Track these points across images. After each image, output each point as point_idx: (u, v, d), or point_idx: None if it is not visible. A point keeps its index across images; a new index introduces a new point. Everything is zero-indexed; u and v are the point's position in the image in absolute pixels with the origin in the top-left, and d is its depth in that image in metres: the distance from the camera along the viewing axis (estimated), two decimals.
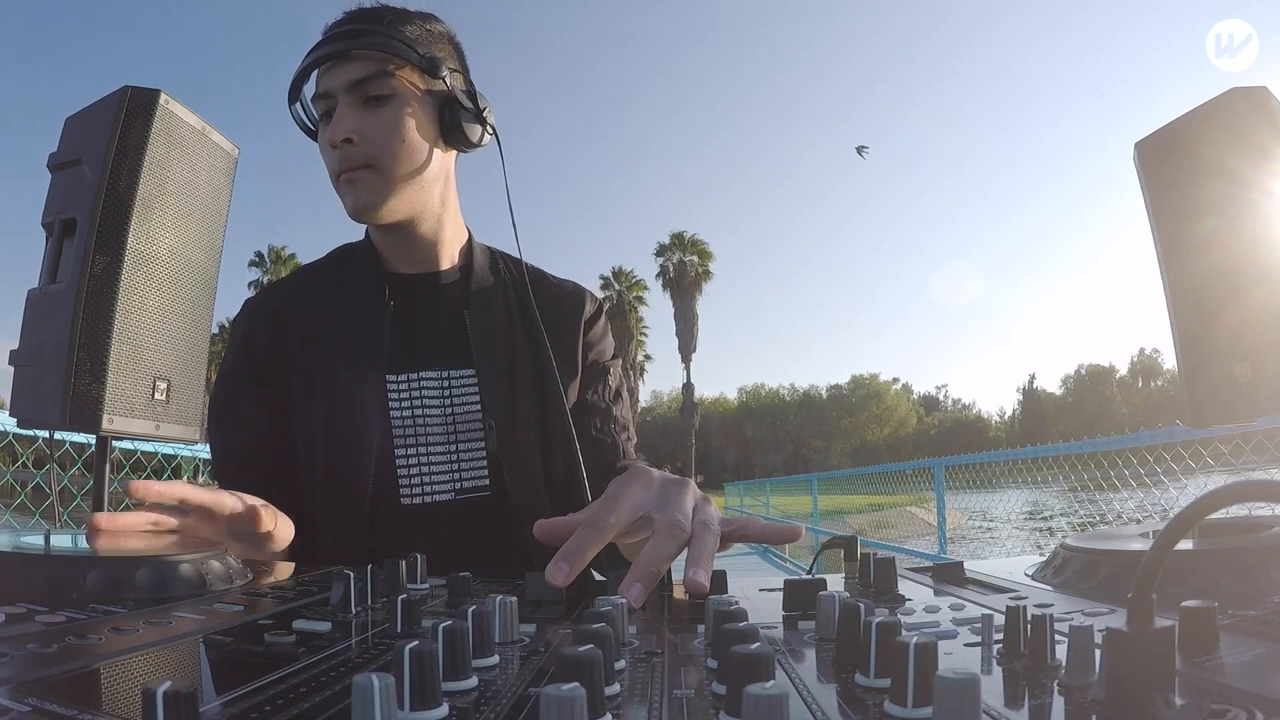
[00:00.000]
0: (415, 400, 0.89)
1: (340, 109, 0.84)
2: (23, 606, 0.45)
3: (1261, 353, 0.66)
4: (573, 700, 0.24)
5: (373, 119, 0.84)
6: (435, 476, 0.90)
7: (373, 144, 0.84)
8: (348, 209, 0.87)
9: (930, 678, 0.26)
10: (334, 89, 0.84)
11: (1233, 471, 3.07)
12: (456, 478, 0.90)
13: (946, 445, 42.09)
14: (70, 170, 0.78)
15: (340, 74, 0.84)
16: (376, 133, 0.84)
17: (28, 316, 0.78)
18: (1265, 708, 0.27)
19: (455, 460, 0.90)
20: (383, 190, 0.85)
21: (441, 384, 0.90)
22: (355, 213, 0.87)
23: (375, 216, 0.87)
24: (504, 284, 0.96)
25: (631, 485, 0.58)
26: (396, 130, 0.84)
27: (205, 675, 0.36)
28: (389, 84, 0.84)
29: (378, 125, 0.84)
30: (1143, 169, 0.76)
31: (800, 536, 0.67)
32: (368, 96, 0.84)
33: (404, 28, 0.85)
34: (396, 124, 0.84)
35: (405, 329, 0.91)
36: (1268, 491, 0.32)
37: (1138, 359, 63.72)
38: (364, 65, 0.83)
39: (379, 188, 0.85)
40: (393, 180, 0.85)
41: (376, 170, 0.84)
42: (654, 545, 0.53)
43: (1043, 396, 69.57)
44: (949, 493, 6.26)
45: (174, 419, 0.82)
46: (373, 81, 0.84)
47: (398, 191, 0.86)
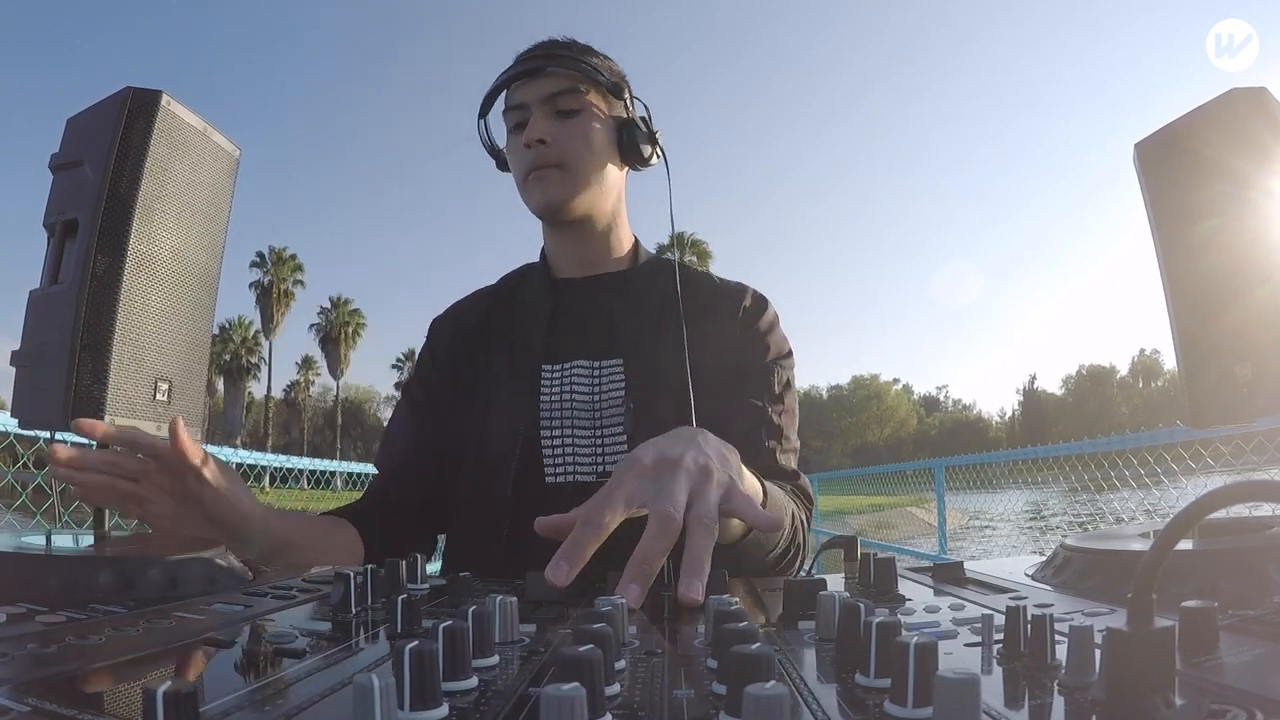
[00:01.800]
0: (565, 387, 0.97)
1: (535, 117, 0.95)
2: (23, 606, 0.45)
3: (1261, 353, 0.66)
4: (573, 700, 0.24)
5: (564, 127, 0.95)
6: (579, 458, 0.94)
7: (562, 147, 0.94)
8: (534, 204, 0.97)
9: (930, 678, 0.26)
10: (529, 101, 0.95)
11: (1233, 471, 3.06)
12: (599, 460, 0.93)
13: (947, 446, 42.05)
14: (72, 171, 0.78)
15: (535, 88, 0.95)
16: (567, 138, 0.95)
17: (29, 317, 0.79)
18: (1265, 708, 0.27)
19: (599, 443, 0.94)
20: (569, 188, 0.95)
21: (592, 372, 0.97)
22: (541, 206, 0.97)
23: (559, 211, 0.97)
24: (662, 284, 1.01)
25: (626, 475, 0.58)
26: (584, 138, 0.95)
27: (205, 675, 0.36)
28: (579, 99, 0.96)
29: (568, 132, 0.95)
30: (1142, 169, 0.76)
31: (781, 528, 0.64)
32: (559, 109, 0.95)
33: (590, 57, 0.98)
34: (585, 132, 0.95)
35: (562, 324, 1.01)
36: (1268, 491, 0.32)
37: (1138, 359, 63.69)
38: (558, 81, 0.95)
39: (566, 185, 0.95)
40: (577, 180, 0.95)
41: (564, 170, 0.95)
42: (645, 543, 0.52)
43: (1043, 397, 69.54)
44: (950, 493, 6.26)
45: None
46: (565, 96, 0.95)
47: (580, 191, 0.96)
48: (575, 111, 0.96)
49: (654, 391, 0.94)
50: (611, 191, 1.00)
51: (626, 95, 1.00)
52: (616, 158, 0.99)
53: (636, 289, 1.02)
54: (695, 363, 0.94)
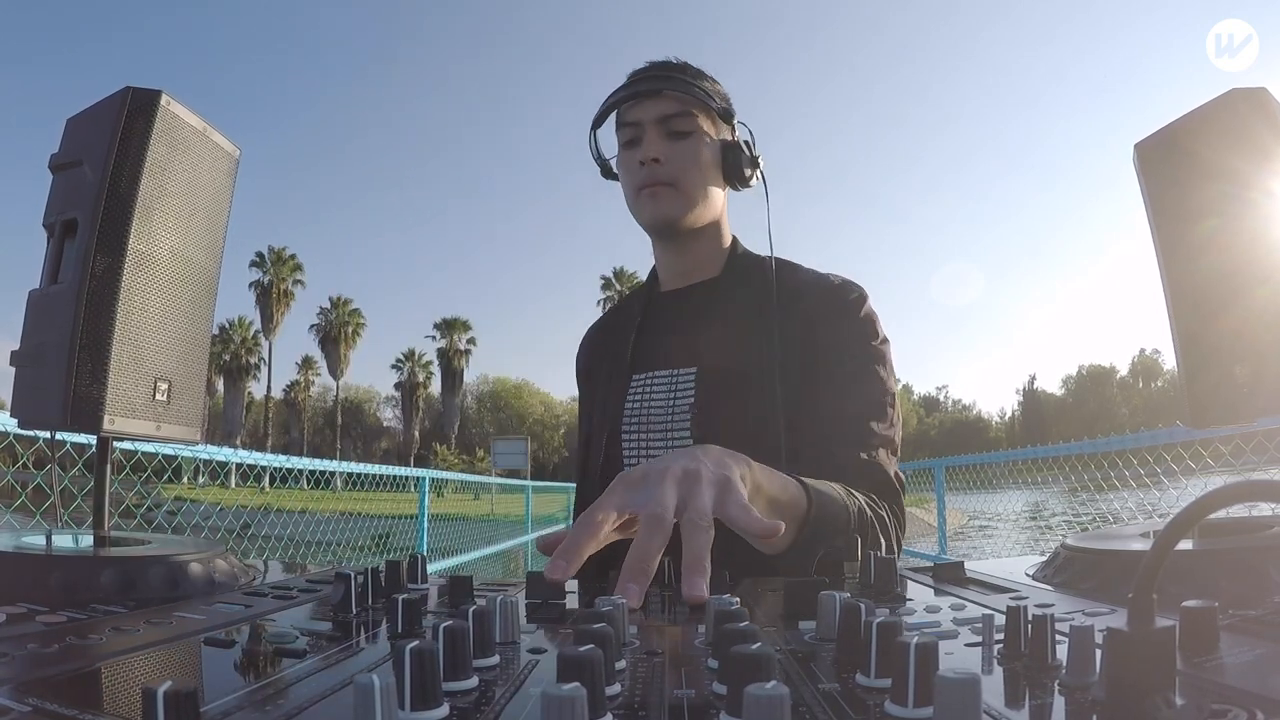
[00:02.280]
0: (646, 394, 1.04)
1: (649, 136, 1.00)
2: (23, 606, 0.45)
3: (1261, 353, 0.66)
4: (573, 700, 0.24)
5: (676, 147, 1.00)
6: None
7: (675, 166, 1.00)
8: (645, 218, 1.03)
9: (931, 678, 0.26)
10: (643, 120, 1.01)
11: (1233, 471, 3.06)
12: None
13: (947, 446, 42.05)
14: (71, 171, 0.78)
15: (650, 108, 1.01)
16: (679, 158, 1.00)
17: (29, 317, 0.79)
18: (1266, 708, 0.27)
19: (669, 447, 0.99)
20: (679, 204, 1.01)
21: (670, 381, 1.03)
22: (653, 220, 1.03)
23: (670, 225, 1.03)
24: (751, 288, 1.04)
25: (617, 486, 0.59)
26: (695, 158, 1.01)
27: (206, 675, 0.36)
28: (691, 122, 1.01)
29: (680, 152, 1.00)
30: (1142, 170, 0.76)
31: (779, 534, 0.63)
32: (672, 130, 1.01)
33: (703, 81, 1.03)
34: (696, 153, 1.01)
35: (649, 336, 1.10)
36: (1268, 491, 0.32)
37: (1138, 359, 63.70)
38: (672, 103, 1.00)
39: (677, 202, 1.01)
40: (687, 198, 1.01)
41: (675, 188, 1.01)
42: (637, 543, 0.53)
43: (1043, 397, 69.56)
44: (950, 493, 6.26)
45: (175, 420, 0.82)
46: (678, 118, 1.00)
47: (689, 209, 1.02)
48: (687, 133, 1.01)
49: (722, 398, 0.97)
50: (715, 208, 1.06)
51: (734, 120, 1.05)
52: (720, 178, 1.05)
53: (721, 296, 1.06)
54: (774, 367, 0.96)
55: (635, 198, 1.03)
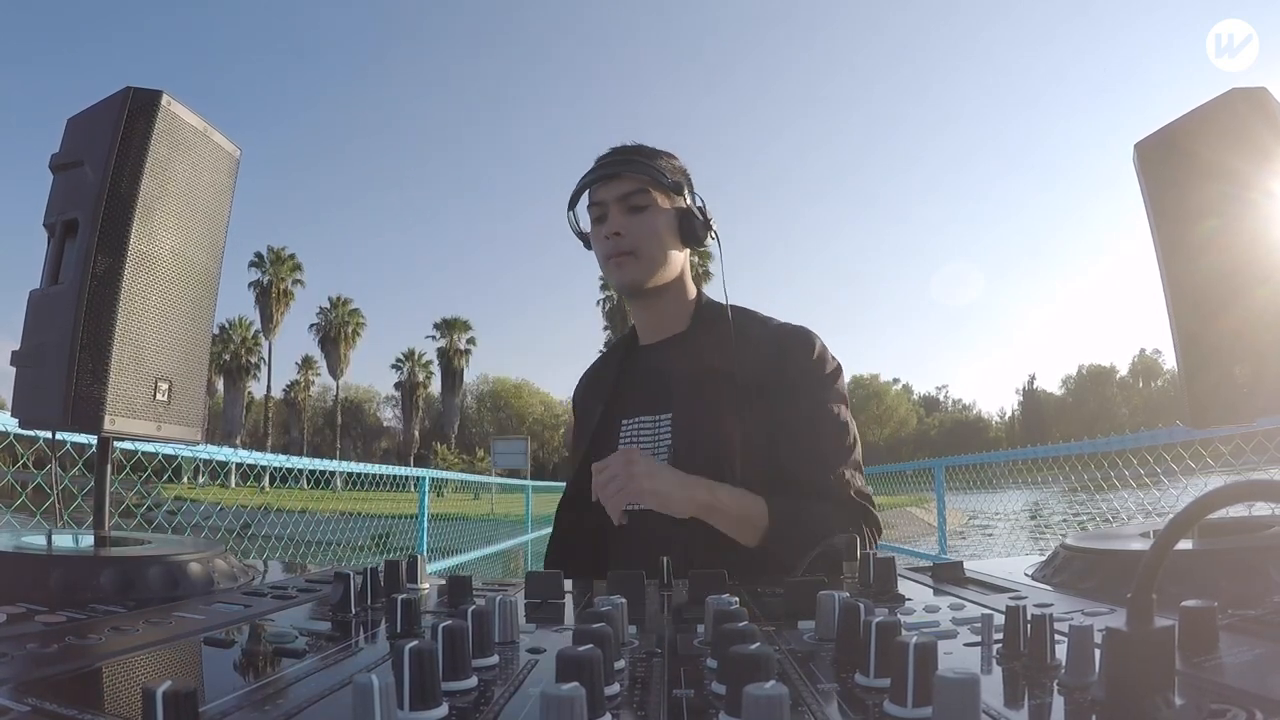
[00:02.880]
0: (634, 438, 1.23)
1: (612, 213, 1.18)
2: (23, 606, 0.45)
3: (1261, 353, 0.66)
4: (573, 700, 0.24)
5: (635, 221, 1.18)
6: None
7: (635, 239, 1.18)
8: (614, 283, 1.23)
9: (930, 677, 0.26)
10: (606, 199, 1.19)
11: (1233, 471, 3.06)
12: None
13: (947, 445, 42.05)
14: (72, 171, 0.78)
15: (612, 189, 1.19)
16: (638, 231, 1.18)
17: (29, 317, 0.79)
18: (1265, 708, 0.27)
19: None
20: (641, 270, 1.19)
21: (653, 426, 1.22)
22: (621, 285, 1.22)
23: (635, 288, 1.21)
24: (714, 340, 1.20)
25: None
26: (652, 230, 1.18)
27: (205, 675, 0.36)
28: (647, 197, 1.18)
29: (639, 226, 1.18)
30: (1143, 169, 0.76)
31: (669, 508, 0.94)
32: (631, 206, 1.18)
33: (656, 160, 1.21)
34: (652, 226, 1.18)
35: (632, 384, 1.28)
36: (1268, 491, 0.32)
37: (1138, 359, 63.67)
38: (630, 183, 1.18)
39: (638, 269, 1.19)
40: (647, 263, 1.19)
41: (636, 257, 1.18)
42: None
43: (1043, 397, 69.54)
44: (950, 493, 6.25)
45: (175, 420, 0.82)
46: (636, 195, 1.18)
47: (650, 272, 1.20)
48: (644, 208, 1.18)
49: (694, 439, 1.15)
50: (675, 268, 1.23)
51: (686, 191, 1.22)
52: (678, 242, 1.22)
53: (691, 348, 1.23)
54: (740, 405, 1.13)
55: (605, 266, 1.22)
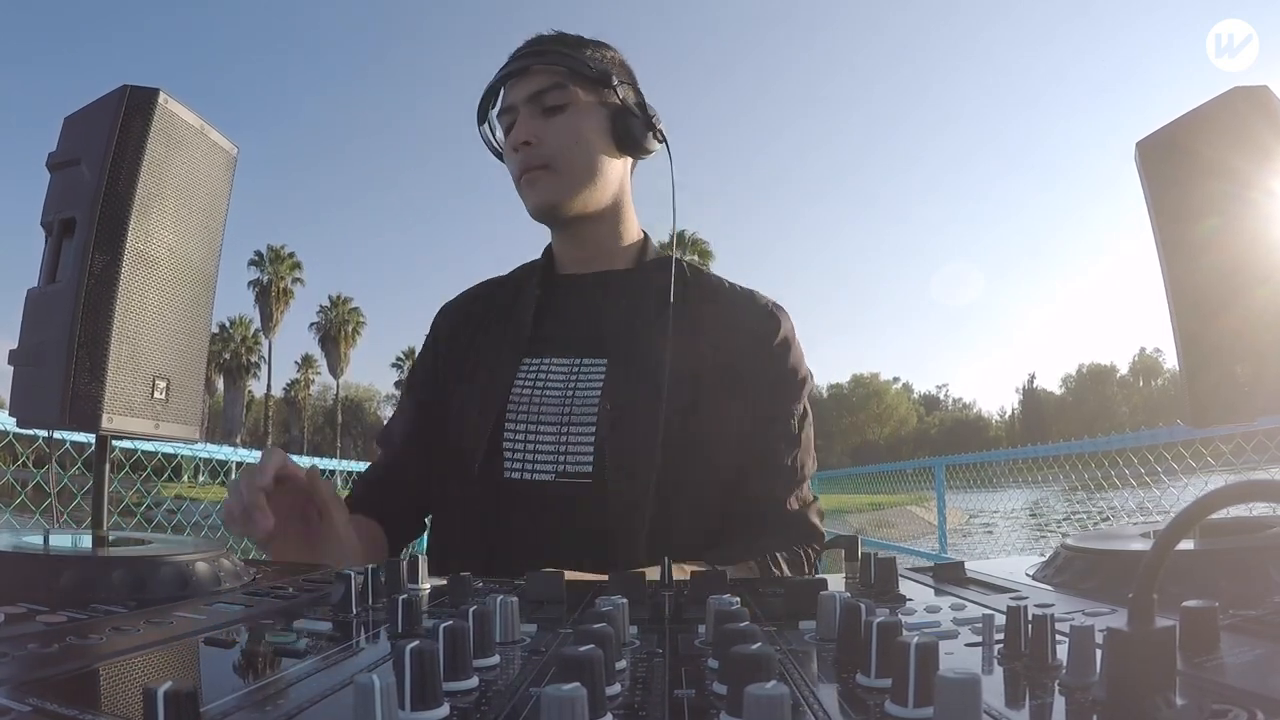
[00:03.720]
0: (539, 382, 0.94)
1: (521, 118, 0.93)
2: (23, 606, 0.45)
3: (1262, 353, 0.66)
4: (573, 700, 0.24)
5: (550, 125, 0.92)
6: (540, 455, 0.91)
7: (550, 147, 0.92)
8: (528, 207, 0.95)
9: (931, 678, 0.26)
10: (516, 101, 0.94)
11: (1233, 471, 3.06)
12: (560, 460, 0.90)
13: (947, 444, 42.12)
14: (69, 170, 0.78)
15: (521, 88, 0.93)
16: (553, 137, 0.92)
17: (27, 316, 0.78)
18: (1266, 708, 0.27)
19: (563, 443, 0.91)
20: (559, 189, 0.93)
21: (570, 370, 0.94)
22: (535, 210, 0.95)
23: (552, 213, 0.95)
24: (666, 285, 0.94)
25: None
26: (571, 134, 0.92)
27: (205, 675, 0.36)
28: (565, 94, 0.93)
29: (554, 130, 0.92)
30: (1144, 169, 0.76)
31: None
32: (545, 106, 0.93)
33: (579, 50, 0.95)
34: (571, 129, 0.93)
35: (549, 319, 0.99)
36: (1268, 491, 0.32)
37: (1138, 358, 63.71)
38: (542, 78, 0.93)
39: (556, 186, 0.93)
40: (568, 180, 0.93)
41: (553, 170, 0.93)
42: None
43: (1043, 396, 69.59)
44: (950, 492, 6.26)
45: (174, 418, 0.82)
46: (550, 92, 0.92)
47: (573, 190, 0.93)
48: (560, 108, 0.93)
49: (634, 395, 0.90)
50: (609, 186, 0.97)
51: (615, 82, 0.94)
52: (614, 148, 0.96)
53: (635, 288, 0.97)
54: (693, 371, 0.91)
55: (517, 187, 0.96)
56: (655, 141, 0.98)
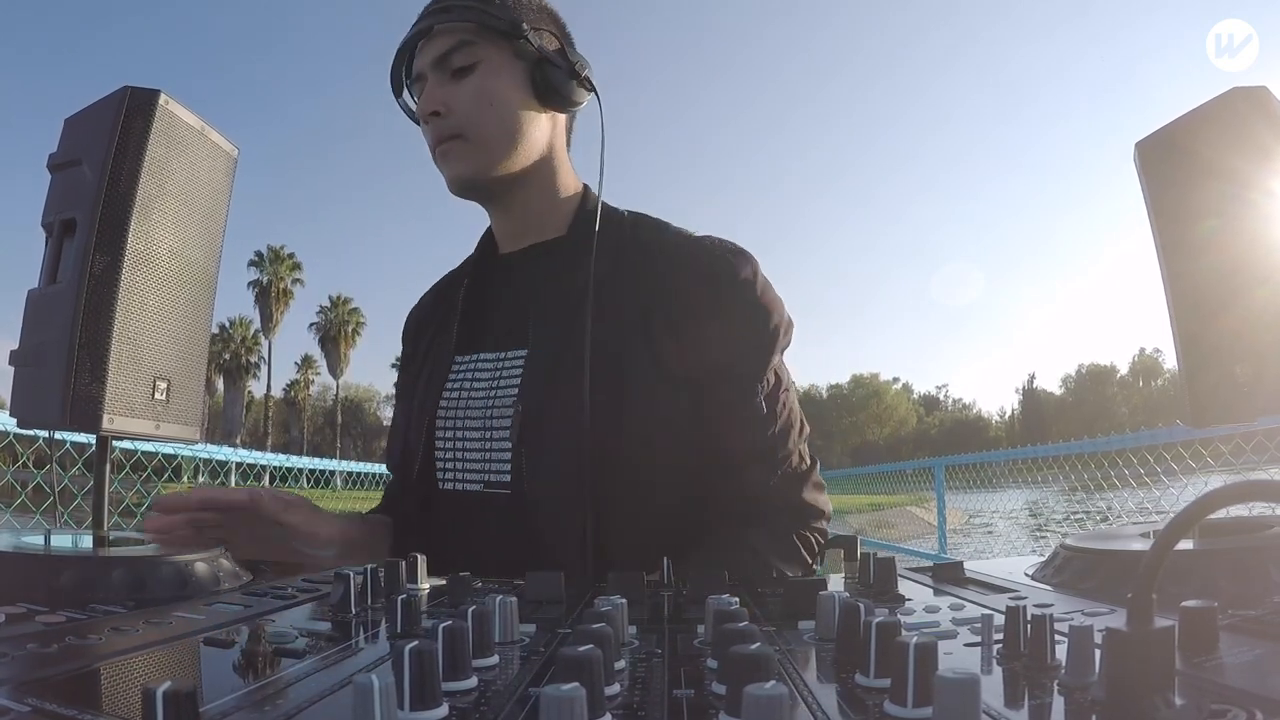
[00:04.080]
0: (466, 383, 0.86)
1: (429, 85, 0.83)
2: (23, 606, 0.45)
3: (1261, 353, 0.66)
4: (573, 700, 0.24)
5: (458, 89, 0.82)
6: (468, 465, 0.85)
7: (460, 114, 0.82)
8: (447, 183, 0.86)
9: (930, 678, 0.26)
10: (423, 68, 0.84)
11: (1233, 471, 3.06)
12: (486, 469, 0.83)
13: (947, 445, 42.13)
14: (70, 170, 0.78)
15: (427, 51, 0.84)
16: (462, 102, 0.82)
17: (28, 316, 0.79)
18: (1265, 708, 0.27)
19: (487, 447, 0.83)
20: (475, 159, 0.83)
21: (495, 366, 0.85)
22: (452, 184, 0.85)
23: (472, 185, 0.85)
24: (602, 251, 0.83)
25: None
26: (482, 96, 0.82)
27: (205, 675, 0.36)
28: (472, 53, 0.82)
29: (463, 95, 0.82)
30: (1143, 169, 0.76)
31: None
32: (453, 69, 0.83)
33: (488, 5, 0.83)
34: (482, 90, 0.82)
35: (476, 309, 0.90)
36: (1268, 491, 0.32)
37: (1138, 359, 63.72)
38: (447, 39, 0.82)
39: (470, 156, 0.83)
40: (484, 148, 0.83)
41: (466, 140, 0.83)
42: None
43: (1043, 396, 69.61)
44: (949, 492, 6.26)
45: (174, 419, 0.82)
46: (456, 53, 0.82)
47: (491, 158, 0.83)
48: (469, 68, 0.82)
49: (551, 393, 0.79)
50: (534, 147, 0.85)
51: (527, 30, 0.83)
52: (535, 104, 0.85)
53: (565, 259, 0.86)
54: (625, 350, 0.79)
55: (435, 162, 0.86)
56: (583, 91, 0.87)
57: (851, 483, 11.73)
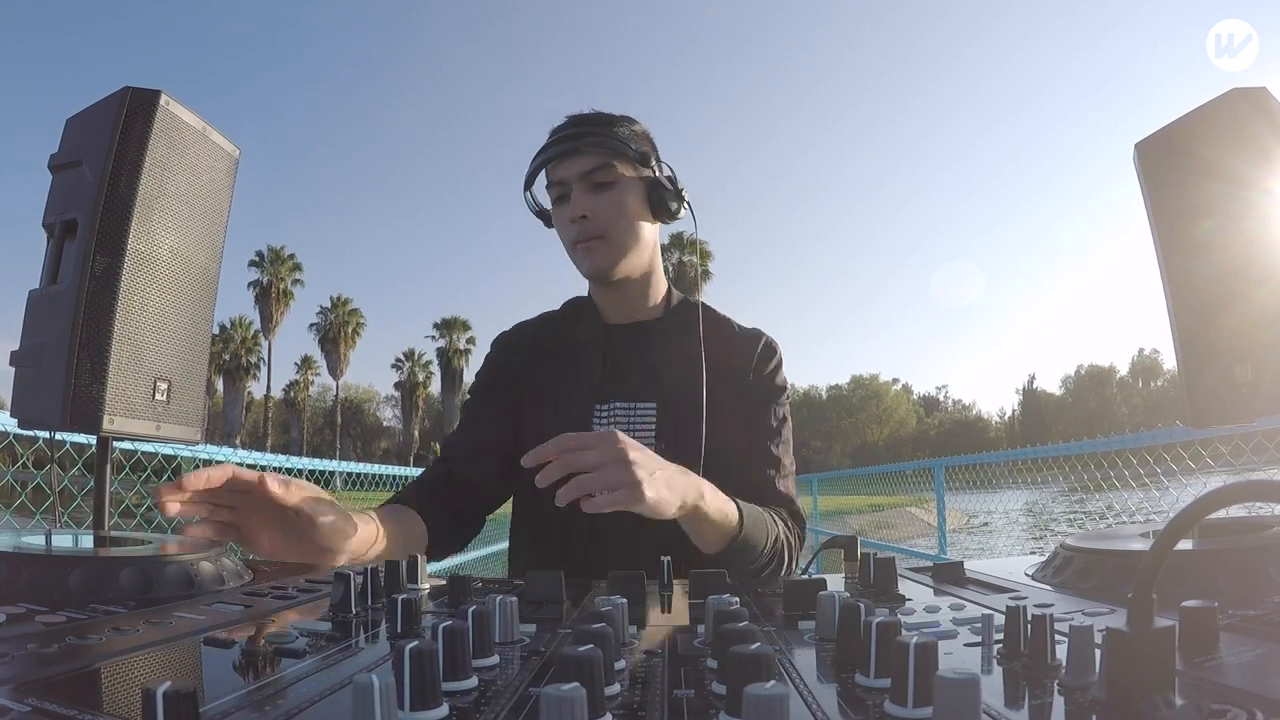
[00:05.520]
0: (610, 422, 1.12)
1: (575, 193, 1.08)
2: (23, 606, 0.45)
3: (1261, 353, 0.67)
4: (573, 700, 0.24)
5: (600, 200, 1.07)
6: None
7: (602, 219, 1.08)
8: (584, 270, 1.12)
9: (930, 678, 0.26)
10: (567, 178, 1.08)
11: (1233, 471, 3.06)
12: None
13: (946, 445, 42.13)
14: (71, 171, 0.78)
15: (572, 166, 1.08)
16: (605, 211, 1.08)
17: (28, 317, 0.79)
18: (1265, 708, 0.27)
19: None
20: (611, 255, 1.09)
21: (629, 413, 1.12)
22: (591, 273, 1.12)
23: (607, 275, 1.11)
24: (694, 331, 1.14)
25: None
26: (620, 208, 1.08)
27: (205, 675, 0.36)
28: (612, 173, 1.08)
29: (605, 205, 1.08)
30: (1143, 169, 0.76)
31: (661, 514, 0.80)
32: (595, 183, 1.08)
33: (617, 129, 1.10)
34: (620, 204, 1.08)
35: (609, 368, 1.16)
36: (1268, 491, 0.32)
37: (1138, 359, 63.72)
38: (591, 159, 1.07)
39: (608, 253, 1.09)
40: (618, 247, 1.09)
41: (605, 240, 1.08)
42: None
43: (1042, 397, 69.60)
44: (949, 493, 6.26)
45: (175, 419, 0.82)
46: (599, 171, 1.07)
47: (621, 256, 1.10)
48: (609, 185, 1.08)
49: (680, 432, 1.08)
50: (647, 248, 1.14)
51: (653, 161, 1.11)
52: (649, 215, 1.12)
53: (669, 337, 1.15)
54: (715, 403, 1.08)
55: (572, 251, 1.12)
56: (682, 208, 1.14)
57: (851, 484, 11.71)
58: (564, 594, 0.53)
